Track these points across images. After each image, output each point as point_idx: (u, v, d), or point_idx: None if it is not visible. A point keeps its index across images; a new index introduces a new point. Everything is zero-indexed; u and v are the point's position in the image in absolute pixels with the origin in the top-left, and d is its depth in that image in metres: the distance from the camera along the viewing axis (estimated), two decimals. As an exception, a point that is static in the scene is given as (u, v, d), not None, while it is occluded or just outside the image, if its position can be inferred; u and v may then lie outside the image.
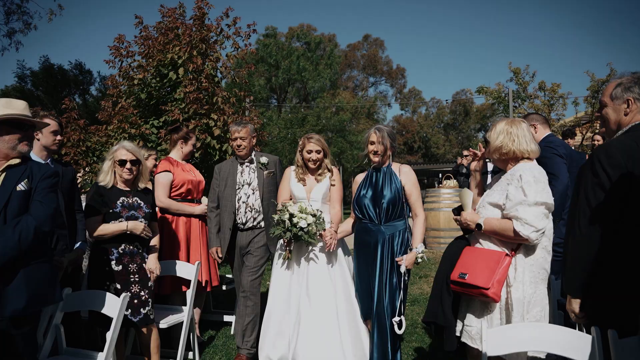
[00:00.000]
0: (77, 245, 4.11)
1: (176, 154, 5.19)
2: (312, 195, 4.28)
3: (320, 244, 4.12)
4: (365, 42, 54.03)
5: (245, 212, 4.67)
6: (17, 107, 2.92)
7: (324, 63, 36.23)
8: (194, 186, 5.08)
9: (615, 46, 75.96)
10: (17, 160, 2.88)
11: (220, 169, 4.85)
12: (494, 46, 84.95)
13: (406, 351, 4.66)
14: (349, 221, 4.26)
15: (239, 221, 4.69)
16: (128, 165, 3.89)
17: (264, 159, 4.78)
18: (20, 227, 2.69)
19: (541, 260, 2.92)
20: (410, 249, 3.80)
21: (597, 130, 13.04)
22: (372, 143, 3.90)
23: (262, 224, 4.70)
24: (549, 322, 2.91)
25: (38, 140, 3.88)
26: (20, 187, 2.80)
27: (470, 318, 3.00)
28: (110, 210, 3.84)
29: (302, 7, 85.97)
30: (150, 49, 8.21)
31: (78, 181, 5.77)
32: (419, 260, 3.78)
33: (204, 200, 5.20)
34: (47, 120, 3.87)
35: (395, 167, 3.97)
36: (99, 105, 10.61)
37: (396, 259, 3.80)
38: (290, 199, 4.34)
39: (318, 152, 4.28)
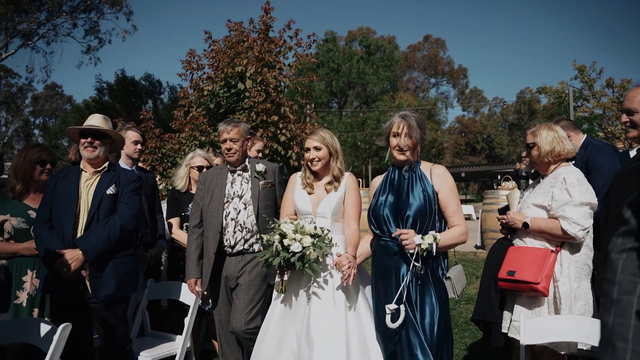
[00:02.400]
0: (158, 242, 4.62)
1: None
2: (320, 210, 3.28)
3: (329, 273, 3.15)
4: (426, 42, 53.49)
5: (235, 232, 3.62)
6: (91, 120, 3.45)
7: (383, 65, 36.29)
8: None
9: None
10: (104, 167, 3.38)
11: (206, 178, 3.83)
12: (558, 43, 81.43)
13: (458, 346, 4.84)
14: (368, 239, 3.28)
15: (225, 243, 3.62)
16: (204, 171, 4.35)
17: (260, 167, 3.77)
18: (109, 225, 3.20)
19: (584, 257, 3.08)
20: (446, 277, 2.89)
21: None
22: (396, 135, 2.94)
23: (257, 247, 3.64)
24: (593, 317, 3.04)
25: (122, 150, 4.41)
26: (110, 191, 3.31)
27: (517, 313, 3.18)
28: (183, 214, 4.33)
29: (362, 11, 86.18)
30: (218, 62, 8.80)
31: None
32: (424, 247, 2.75)
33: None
34: (129, 132, 4.42)
35: (425, 167, 2.99)
36: (170, 113, 11.41)
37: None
38: (296, 214, 3.41)
39: (317, 149, 3.31)
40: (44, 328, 2.67)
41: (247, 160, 3.83)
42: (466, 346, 4.91)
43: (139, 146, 4.58)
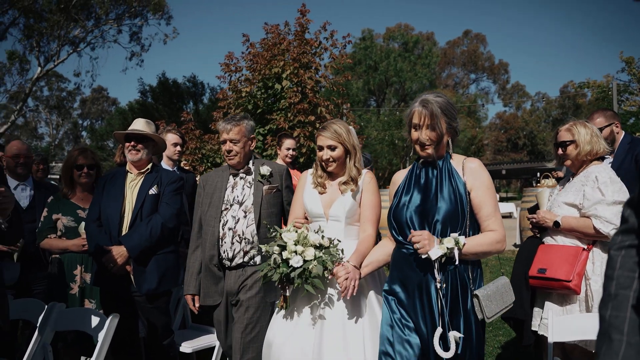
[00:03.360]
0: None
1: (280, 159, 5.81)
2: (332, 212, 2.90)
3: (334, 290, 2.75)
4: (466, 38, 52.58)
5: (233, 243, 3.22)
6: (135, 124, 3.66)
7: (421, 62, 35.93)
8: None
9: None
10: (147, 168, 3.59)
11: (206, 182, 3.45)
12: (604, 34, 78.34)
13: (492, 344, 4.85)
14: (386, 245, 2.77)
15: (223, 255, 3.24)
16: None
17: (264, 169, 3.34)
18: (151, 224, 3.41)
19: (616, 256, 3.06)
20: (474, 295, 2.38)
21: None
22: (417, 127, 2.47)
23: (258, 259, 3.23)
24: (626, 315, 3.03)
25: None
26: (152, 191, 3.52)
27: (548, 311, 3.19)
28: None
29: (400, 8, 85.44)
30: (256, 64, 9.03)
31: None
32: (444, 251, 2.31)
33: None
34: (169, 135, 4.64)
35: (457, 161, 2.52)
36: (210, 114, 11.74)
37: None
38: (306, 217, 3.07)
39: (332, 148, 2.91)
40: (95, 318, 2.95)
41: (251, 162, 3.43)
42: (500, 344, 4.91)
43: (178, 148, 4.79)
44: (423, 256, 2.29)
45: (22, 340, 4.03)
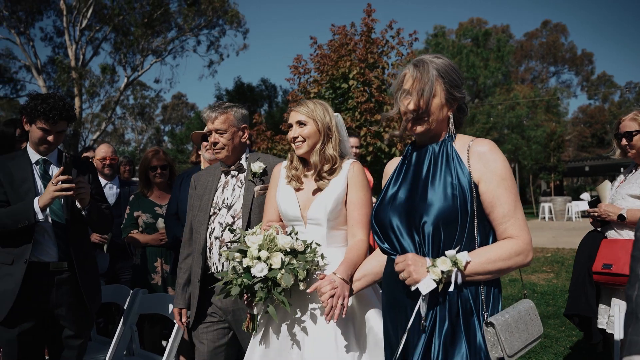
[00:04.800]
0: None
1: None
2: (311, 214, 2.36)
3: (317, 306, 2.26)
4: (544, 29, 50.04)
5: (220, 254, 2.71)
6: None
7: (494, 57, 34.64)
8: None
9: None
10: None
11: (198, 180, 3.03)
12: None
13: (563, 343, 4.70)
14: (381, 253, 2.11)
15: (212, 268, 2.79)
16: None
17: (256, 166, 2.83)
18: None
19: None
20: (487, 323, 1.73)
21: None
22: (407, 94, 1.85)
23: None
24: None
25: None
26: None
27: (614, 308, 3.09)
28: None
29: (472, 2, 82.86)
30: (323, 65, 9.25)
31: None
32: (437, 279, 1.70)
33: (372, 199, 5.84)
34: None
35: (461, 143, 1.87)
36: (282, 116, 12.14)
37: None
38: (281, 220, 2.52)
39: (302, 124, 2.42)
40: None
41: (244, 156, 2.93)
42: (572, 344, 4.75)
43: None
44: (412, 288, 1.71)
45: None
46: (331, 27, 9.77)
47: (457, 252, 1.70)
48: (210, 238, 2.80)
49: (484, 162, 1.79)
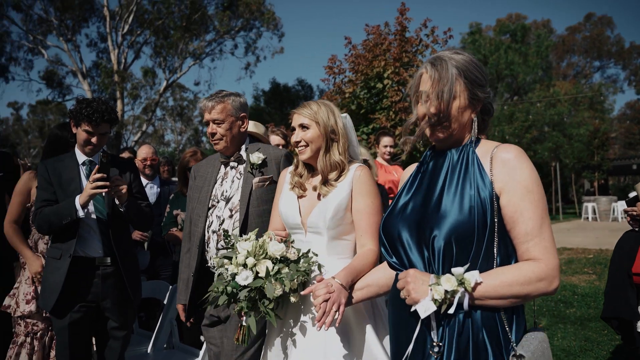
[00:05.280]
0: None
1: (378, 157, 5.98)
2: (310, 221, 2.22)
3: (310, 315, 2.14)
4: (587, 22, 48.37)
5: (218, 249, 2.69)
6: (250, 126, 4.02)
7: (533, 52, 33.68)
8: (395, 185, 5.80)
9: None
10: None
11: (197, 172, 2.99)
12: None
13: (605, 347, 4.58)
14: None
15: (210, 262, 2.76)
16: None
17: (255, 157, 2.76)
18: None
19: None
20: (517, 356, 1.49)
21: None
22: (425, 96, 1.67)
23: None
24: None
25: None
26: None
27: (656, 309, 3.01)
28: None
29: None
30: (358, 65, 9.28)
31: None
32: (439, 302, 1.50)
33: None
34: (272, 137, 5.00)
35: (484, 149, 1.67)
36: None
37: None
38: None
39: (304, 128, 2.28)
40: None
41: (244, 147, 2.86)
42: (614, 347, 4.63)
43: (281, 148, 5.16)
44: (412, 309, 1.52)
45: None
46: (365, 27, 9.80)
47: (467, 270, 1.48)
48: (208, 232, 2.75)
49: (508, 171, 1.56)
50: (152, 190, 4.94)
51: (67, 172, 3.07)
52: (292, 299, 2.03)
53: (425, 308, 1.48)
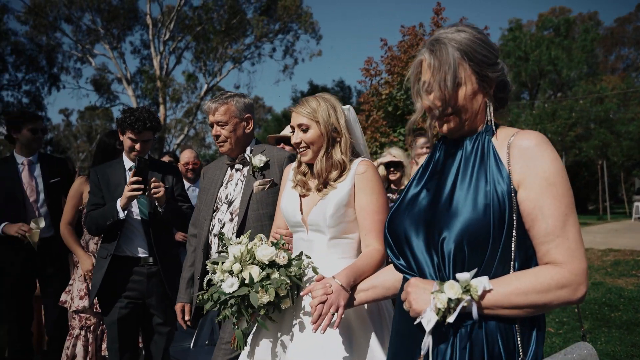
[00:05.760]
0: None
1: (415, 157, 6.01)
2: (311, 219, 2.11)
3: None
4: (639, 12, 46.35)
5: (218, 253, 2.51)
6: (286, 130, 4.13)
7: (578, 46, 32.49)
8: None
9: None
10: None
11: (206, 173, 2.99)
12: None
13: (636, 352, 4.46)
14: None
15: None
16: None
17: (258, 159, 2.70)
18: None
19: None
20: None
21: None
22: (427, 86, 1.47)
23: None
24: None
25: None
26: None
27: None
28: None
29: (556, -11, 78.47)
30: (394, 67, 9.30)
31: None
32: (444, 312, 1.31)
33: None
34: None
35: (502, 137, 1.47)
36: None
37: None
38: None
39: (304, 129, 2.13)
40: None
41: (248, 149, 2.83)
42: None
43: None
44: (416, 322, 1.36)
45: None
46: (401, 29, 9.80)
47: (476, 275, 1.30)
48: (210, 235, 2.74)
49: (526, 161, 1.37)
50: (194, 193, 5.14)
51: (115, 177, 3.27)
52: (283, 306, 1.95)
53: (427, 320, 1.30)
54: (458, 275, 1.31)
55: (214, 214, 2.78)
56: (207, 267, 2.02)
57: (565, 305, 1.34)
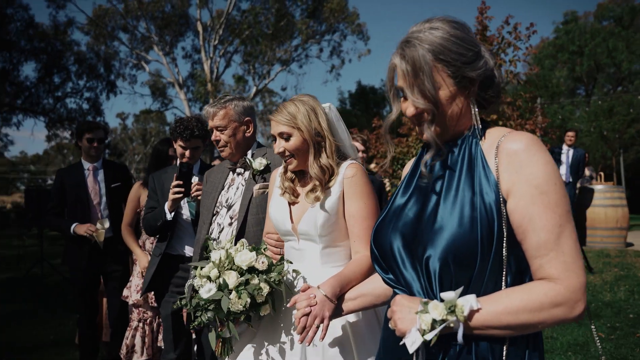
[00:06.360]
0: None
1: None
2: (302, 228, 2.04)
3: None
4: None
5: None
6: None
7: (638, 38, 30.55)
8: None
9: None
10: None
11: (208, 177, 2.98)
12: None
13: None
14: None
15: None
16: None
17: (257, 162, 2.67)
18: None
19: None
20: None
21: None
22: (402, 92, 1.38)
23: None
24: None
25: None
26: None
27: None
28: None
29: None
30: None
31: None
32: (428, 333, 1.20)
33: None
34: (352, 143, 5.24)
35: (492, 138, 1.35)
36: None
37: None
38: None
39: (286, 137, 2.04)
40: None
41: (250, 152, 2.82)
42: None
43: (361, 154, 5.39)
44: (401, 342, 1.27)
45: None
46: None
47: (464, 294, 1.21)
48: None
49: (515, 166, 1.25)
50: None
51: (169, 182, 3.53)
52: (262, 313, 1.90)
53: (411, 341, 1.22)
54: (443, 295, 1.21)
55: (214, 218, 2.76)
56: (191, 272, 1.96)
57: (561, 324, 1.22)
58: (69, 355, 5.03)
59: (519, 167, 1.25)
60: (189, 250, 3.46)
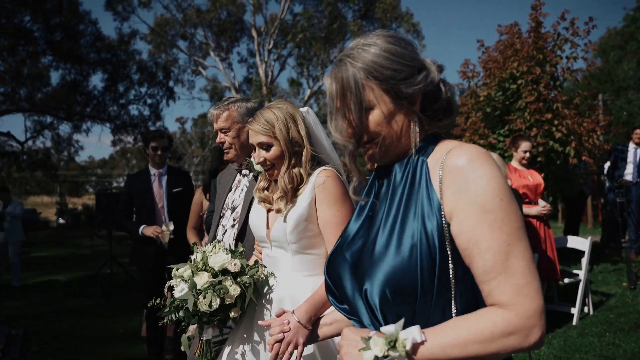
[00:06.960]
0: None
1: (513, 160, 6.01)
2: (273, 235, 2.05)
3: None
4: None
5: None
6: None
7: None
8: (530, 189, 5.80)
9: None
10: None
11: (220, 180, 3.00)
12: None
13: None
14: None
15: None
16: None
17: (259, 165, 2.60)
18: None
19: None
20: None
21: None
22: (340, 114, 1.30)
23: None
24: None
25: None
26: None
27: None
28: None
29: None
30: (491, 69, 9.14)
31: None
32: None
33: (540, 202, 5.81)
34: None
35: (439, 153, 1.24)
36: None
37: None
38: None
39: (265, 147, 2.03)
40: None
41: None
42: None
43: None
44: None
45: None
46: (498, 28, 9.59)
47: (407, 325, 1.11)
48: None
49: (457, 185, 1.15)
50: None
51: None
52: (233, 314, 1.93)
53: None
54: (383, 329, 1.11)
55: (220, 220, 2.74)
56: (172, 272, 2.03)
57: (517, 352, 1.09)
58: (137, 347, 5.45)
59: (462, 184, 1.14)
60: None
